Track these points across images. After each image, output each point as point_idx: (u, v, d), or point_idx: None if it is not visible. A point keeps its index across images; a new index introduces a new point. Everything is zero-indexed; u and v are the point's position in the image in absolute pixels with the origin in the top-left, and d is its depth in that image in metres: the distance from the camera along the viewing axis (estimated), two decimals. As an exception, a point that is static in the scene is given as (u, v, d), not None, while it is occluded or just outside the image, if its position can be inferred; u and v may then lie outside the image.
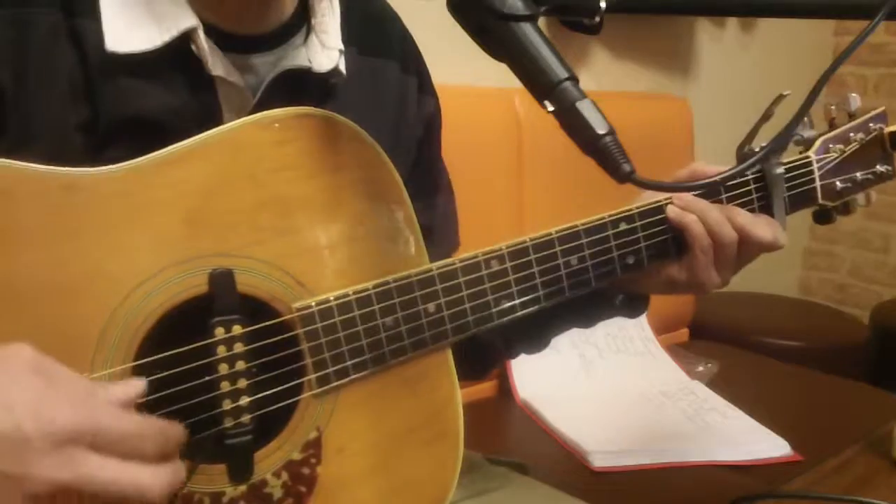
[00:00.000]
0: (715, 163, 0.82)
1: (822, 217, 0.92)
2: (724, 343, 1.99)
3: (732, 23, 2.49)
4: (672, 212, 0.81)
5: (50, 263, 0.58)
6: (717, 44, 2.46)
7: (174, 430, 0.54)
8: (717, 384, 1.68)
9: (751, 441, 1.41)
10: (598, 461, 1.33)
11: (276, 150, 0.66)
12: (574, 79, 0.63)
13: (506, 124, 1.67)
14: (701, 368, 1.77)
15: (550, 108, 0.63)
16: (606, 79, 2.13)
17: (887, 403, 1.65)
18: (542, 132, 1.66)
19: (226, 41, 0.70)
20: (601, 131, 0.62)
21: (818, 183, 0.89)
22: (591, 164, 0.63)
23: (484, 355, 0.92)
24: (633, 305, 0.88)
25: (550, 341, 0.93)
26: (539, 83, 0.63)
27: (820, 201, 0.90)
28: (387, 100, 0.83)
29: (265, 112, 0.67)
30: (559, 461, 1.36)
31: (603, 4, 0.71)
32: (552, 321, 0.89)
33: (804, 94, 0.71)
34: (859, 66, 2.76)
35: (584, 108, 0.62)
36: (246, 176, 0.65)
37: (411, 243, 0.72)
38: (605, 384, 1.65)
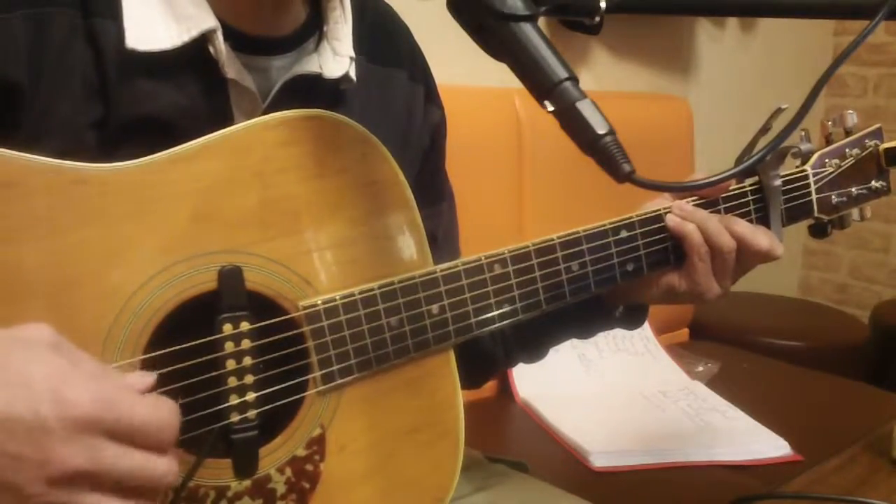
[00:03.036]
0: (715, 162, 0.82)
1: (818, 230, 0.93)
2: (724, 343, 1.99)
3: (732, 23, 2.49)
4: (671, 220, 0.81)
5: (59, 255, 0.58)
6: (717, 44, 2.46)
7: (176, 412, 0.54)
8: (717, 384, 1.68)
9: (751, 441, 1.41)
10: (599, 461, 1.33)
11: (283, 151, 0.66)
12: (574, 79, 0.63)
13: (506, 124, 1.67)
14: (701, 368, 1.77)
15: (550, 108, 0.63)
16: (606, 79, 2.13)
17: (887, 403, 1.65)
18: (542, 132, 1.66)
19: (243, 42, 0.71)
20: (601, 131, 0.62)
21: (814, 196, 0.90)
22: (591, 164, 0.63)
23: (484, 364, 0.92)
24: (632, 317, 0.89)
25: (548, 351, 0.94)
26: (539, 83, 0.63)
27: (816, 214, 0.91)
28: (395, 108, 0.84)
29: (274, 113, 0.67)
30: (559, 461, 1.36)
31: (603, 4, 0.71)
32: (551, 331, 0.90)
33: (804, 95, 0.71)
34: (859, 66, 2.76)
35: (584, 107, 0.62)
36: (253, 175, 0.65)
37: (415, 245, 0.73)
38: (605, 384, 1.65)
